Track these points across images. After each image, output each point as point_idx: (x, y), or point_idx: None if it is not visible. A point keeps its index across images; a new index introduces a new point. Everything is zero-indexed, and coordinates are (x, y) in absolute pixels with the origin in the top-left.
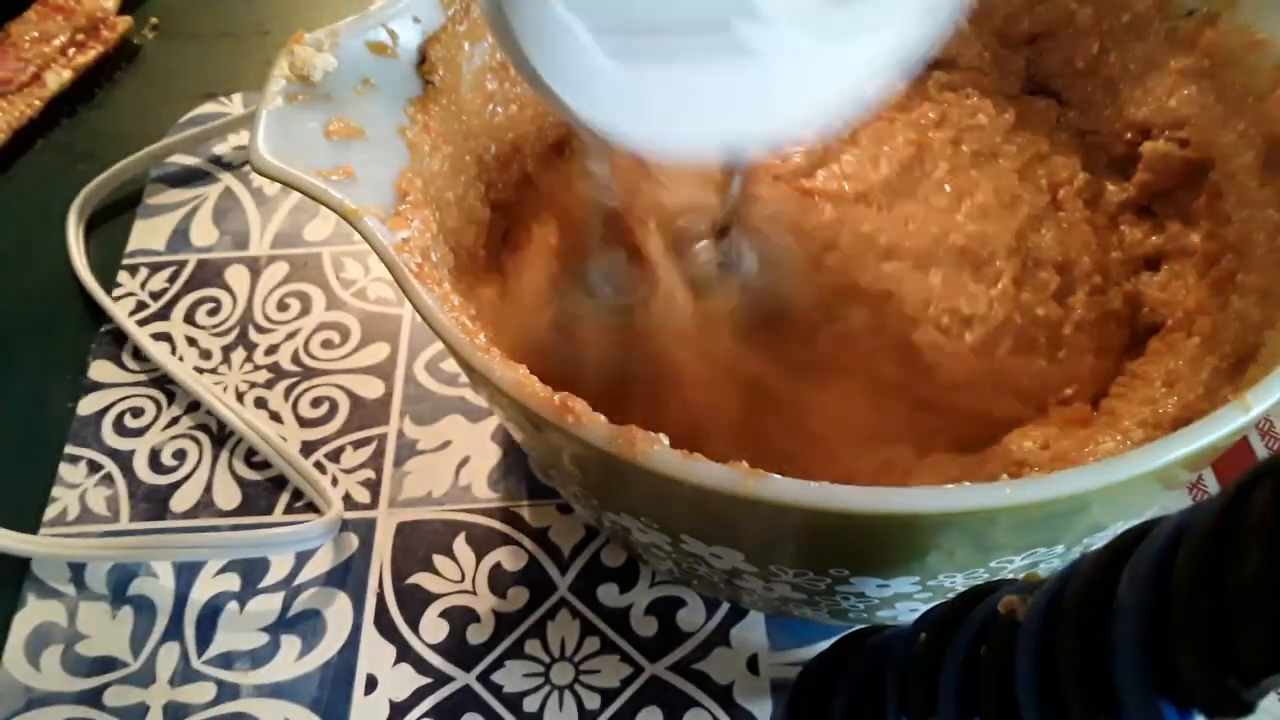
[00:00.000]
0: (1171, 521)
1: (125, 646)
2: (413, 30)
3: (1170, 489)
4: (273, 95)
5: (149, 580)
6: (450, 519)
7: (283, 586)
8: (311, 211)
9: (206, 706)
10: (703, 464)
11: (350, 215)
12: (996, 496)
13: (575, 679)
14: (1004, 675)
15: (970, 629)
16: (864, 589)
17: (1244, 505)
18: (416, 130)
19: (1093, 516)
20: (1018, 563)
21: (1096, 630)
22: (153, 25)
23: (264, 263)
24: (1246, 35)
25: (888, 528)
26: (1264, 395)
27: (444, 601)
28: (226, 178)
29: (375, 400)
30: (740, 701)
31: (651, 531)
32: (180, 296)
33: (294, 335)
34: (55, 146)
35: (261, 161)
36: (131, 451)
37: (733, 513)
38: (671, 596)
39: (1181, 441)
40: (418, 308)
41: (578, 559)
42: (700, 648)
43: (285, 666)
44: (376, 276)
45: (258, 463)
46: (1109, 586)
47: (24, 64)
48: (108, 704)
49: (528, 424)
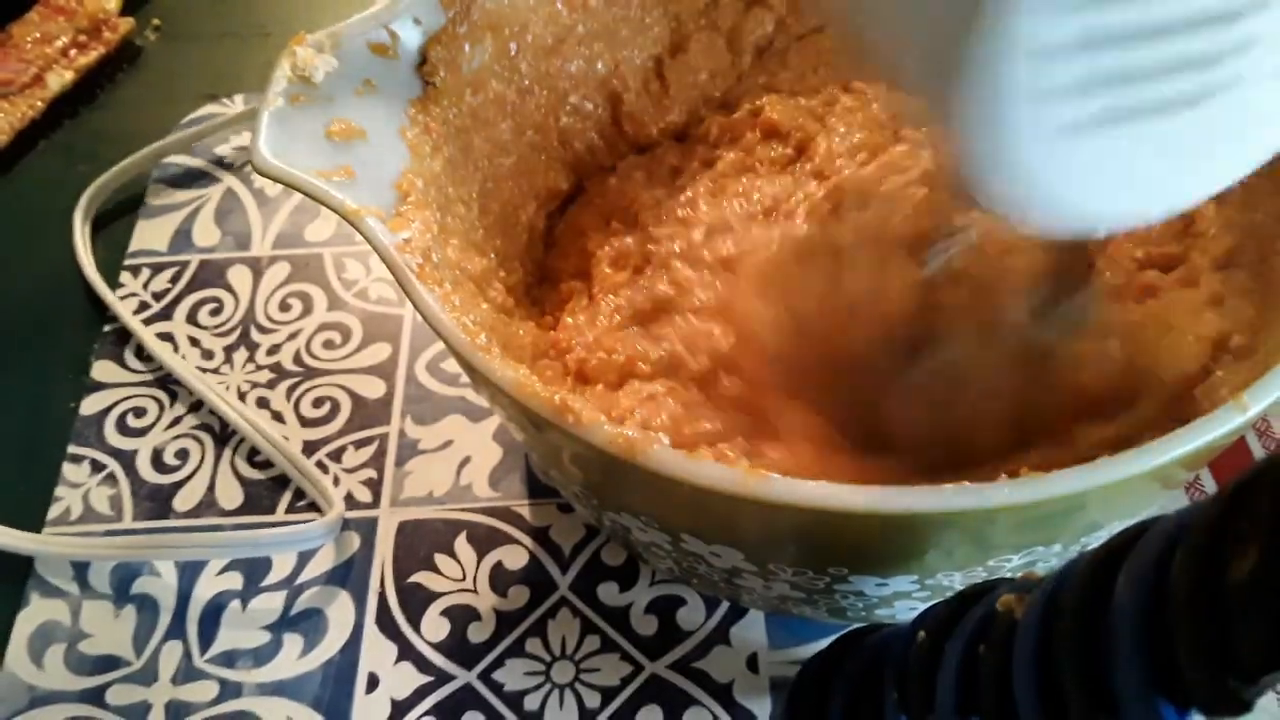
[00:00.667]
0: (1169, 520)
1: (128, 645)
2: (414, 31)
3: (1168, 488)
4: (274, 96)
5: (152, 579)
6: (451, 518)
7: (285, 585)
8: (313, 212)
9: (209, 705)
10: (702, 464)
11: (351, 216)
12: (995, 496)
13: (576, 677)
14: (1002, 674)
15: (968, 628)
16: (863, 588)
17: (1242, 504)
18: (417, 131)
19: (1090, 516)
20: (1016, 562)
21: (1094, 629)
22: (154, 26)
23: (266, 263)
24: None
25: (886, 527)
26: (1261, 395)
27: (445, 600)
28: (228, 178)
29: (377, 400)
30: (740, 700)
31: (651, 531)
32: (182, 297)
33: (296, 335)
34: (57, 147)
35: (263, 162)
36: (134, 451)
37: (732, 512)
38: (671, 595)
39: (1178, 441)
40: (419, 308)
41: (578, 558)
42: (700, 646)
43: (287, 665)
44: (378, 277)
45: (260, 462)
46: (1107, 585)
47: (26, 65)
48: (110, 703)
49: (528, 424)
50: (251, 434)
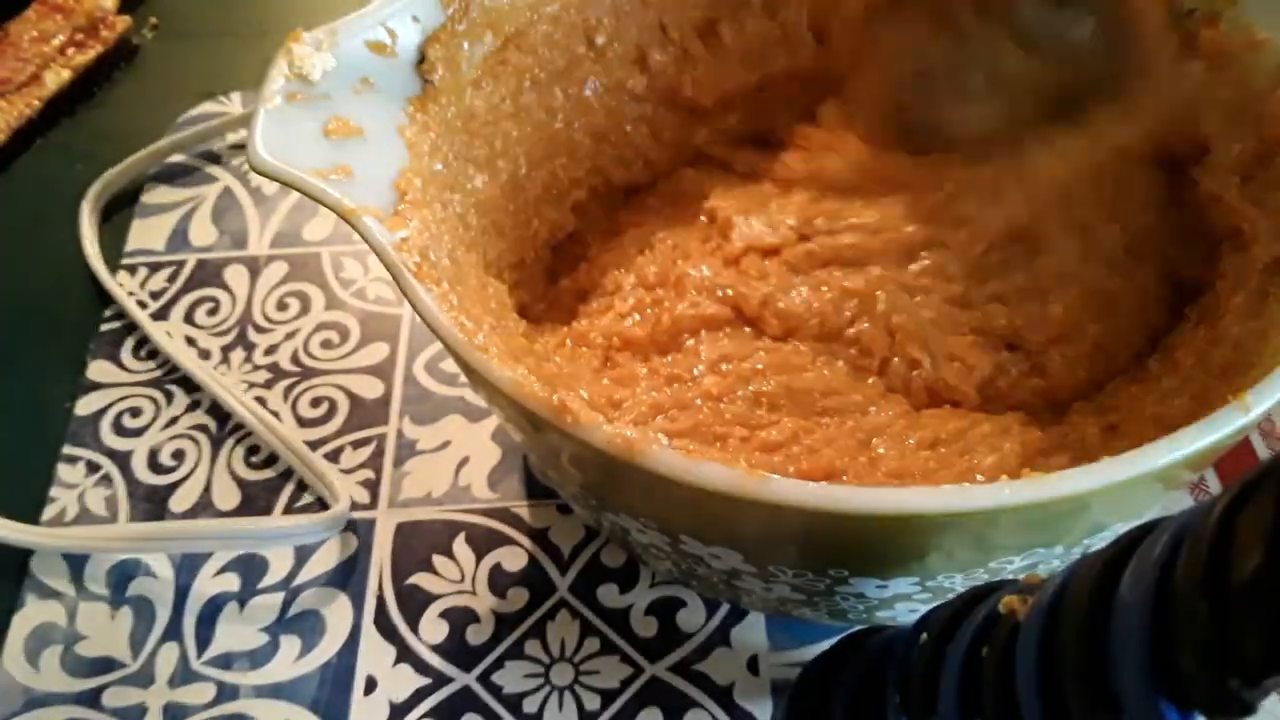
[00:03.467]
0: (1174, 522)
1: (124, 647)
2: (412, 29)
3: (1171, 489)
4: (271, 94)
5: (148, 580)
6: (450, 519)
7: (282, 587)
8: (311, 211)
9: (206, 707)
10: (701, 464)
11: (348, 214)
12: (996, 497)
13: (575, 679)
14: (1005, 676)
15: (971, 630)
16: (863, 590)
17: (1246, 506)
18: (415, 129)
19: (1093, 517)
20: (1017, 563)
21: (1097, 631)
22: (152, 25)
23: (263, 262)
24: (1247, 34)
25: (886, 528)
26: (1264, 396)
27: (444, 602)
28: (225, 177)
29: (375, 400)
30: (740, 702)
31: (650, 532)
32: (179, 296)
33: (293, 335)
34: (54, 146)
35: (260, 160)
36: (130, 452)
37: (731, 513)
38: (671, 597)
39: (1182, 442)
40: (416, 308)
41: (578, 559)
42: (700, 648)
43: (285, 667)
44: (376, 276)
45: (257, 463)
46: (1110, 587)
47: (23, 63)
48: (106, 705)
49: (526, 424)
50: (259, 428)
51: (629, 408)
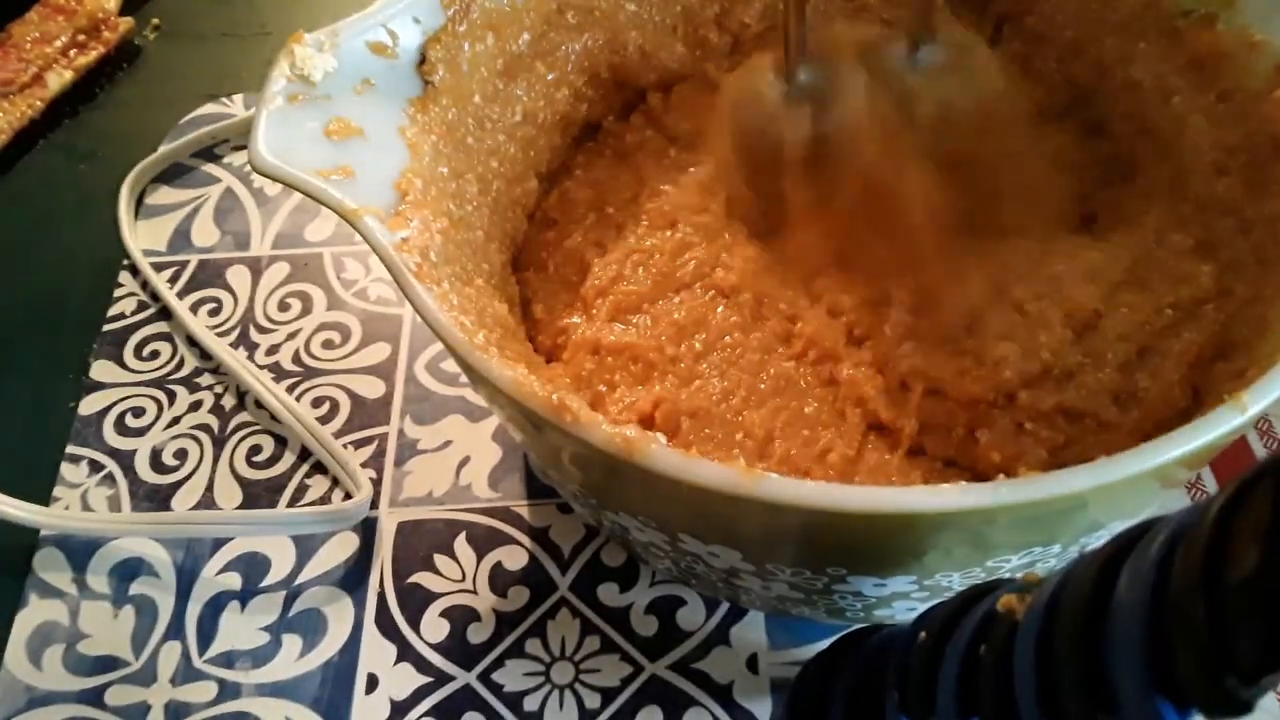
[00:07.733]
0: (1171, 521)
1: (126, 646)
2: (413, 30)
3: (1168, 488)
4: (273, 95)
5: (150, 579)
6: (451, 518)
7: (284, 586)
8: (312, 212)
9: (208, 705)
10: (699, 463)
11: (350, 215)
12: (994, 496)
13: (575, 678)
14: (1003, 675)
15: (969, 628)
16: (861, 588)
17: (1243, 504)
18: (416, 130)
19: (1090, 515)
20: (1015, 562)
21: (1095, 630)
22: (154, 26)
23: (265, 263)
24: (1244, 36)
25: (884, 527)
26: (1260, 395)
27: (445, 601)
28: (227, 178)
29: (376, 400)
30: (740, 700)
31: (649, 530)
32: (182, 297)
33: (295, 335)
34: (57, 147)
35: (261, 161)
36: (133, 451)
37: (729, 512)
38: (671, 596)
39: (1178, 441)
40: (417, 307)
41: (578, 558)
42: (700, 647)
43: (286, 665)
44: (377, 277)
45: (259, 462)
46: (1108, 586)
47: (25, 65)
48: (109, 703)
49: (526, 424)
50: (287, 416)
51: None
